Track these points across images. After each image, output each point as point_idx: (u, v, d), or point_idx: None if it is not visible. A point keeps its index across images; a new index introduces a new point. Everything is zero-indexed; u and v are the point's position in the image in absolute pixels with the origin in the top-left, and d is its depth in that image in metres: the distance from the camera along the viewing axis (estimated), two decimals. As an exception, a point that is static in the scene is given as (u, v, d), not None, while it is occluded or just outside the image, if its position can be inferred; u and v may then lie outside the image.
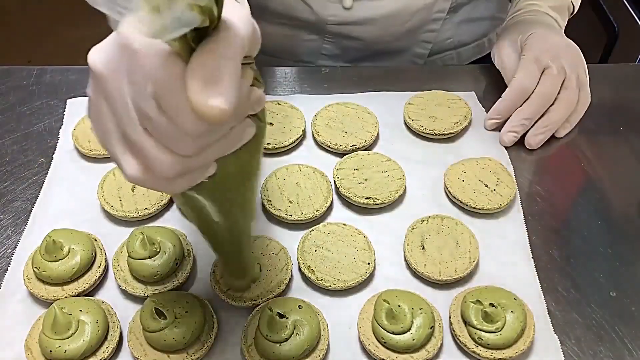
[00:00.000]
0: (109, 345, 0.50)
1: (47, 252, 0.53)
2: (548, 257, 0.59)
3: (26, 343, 0.50)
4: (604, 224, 0.62)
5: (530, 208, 0.63)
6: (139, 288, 0.54)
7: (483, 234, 0.59)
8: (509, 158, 0.67)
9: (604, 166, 0.67)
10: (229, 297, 0.53)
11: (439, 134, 0.68)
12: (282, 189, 0.62)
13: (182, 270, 0.55)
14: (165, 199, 0.61)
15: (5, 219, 0.61)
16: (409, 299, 0.51)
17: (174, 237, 0.56)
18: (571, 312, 0.54)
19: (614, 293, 0.56)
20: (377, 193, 0.61)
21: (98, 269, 0.55)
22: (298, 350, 0.48)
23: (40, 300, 0.54)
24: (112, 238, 0.59)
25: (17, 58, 2.16)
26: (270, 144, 0.66)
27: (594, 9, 1.30)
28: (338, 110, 0.70)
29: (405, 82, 0.77)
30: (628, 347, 0.52)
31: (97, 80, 0.32)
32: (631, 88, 0.77)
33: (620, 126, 0.72)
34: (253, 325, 0.51)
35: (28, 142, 0.69)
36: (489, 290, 0.52)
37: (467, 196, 0.61)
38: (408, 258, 0.57)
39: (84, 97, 0.72)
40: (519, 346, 0.50)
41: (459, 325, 0.52)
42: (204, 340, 0.50)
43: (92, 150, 0.65)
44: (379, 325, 0.50)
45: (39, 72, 0.77)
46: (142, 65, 0.29)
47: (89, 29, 2.50)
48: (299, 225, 0.60)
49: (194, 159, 0.33)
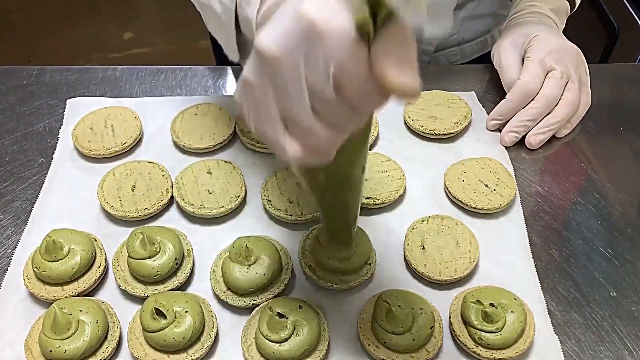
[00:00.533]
0: (109, 345, 0.50)
1: (47, 252, 0.53)
2: (548, 257, 0.59)
3: (26, 343, 0.50)
4: (604, 224, 0.62)
5: (530, 208, 0.63)
6: (139, 288, 0.54)
7: (483, 234, 0.59)
8: (509, 158, 0.67)
9: (604, 166, 0.67)
10: (229, 297, 0.53)
11: (439, 134, 0.68)
12: (282, 189, 0.62)
13: (182, 270, 0.55)
14: (166, 198, 0.61)
15: (5, 219, 0.61)
16: (409, 299, 0.51)
17: (174, 237, 0.56)
18: (571, 312, 0.54)
19: (614, 293, 0.56)
20: (377, 193, 0.61)
21: (98, 269, 0.55)
22: (298, 350, 0.48)
23: (40, 300, 0.54)
24: (112, 238, 0.59)
25: (17, 58, 2.17)
26: (270, 144, 0.66)
27: (594, 9, 1.30)
28: (338, 110, 0.70)
29: (405, 82, 0.77)
30: (628, 347, 0.52)
31: (268, 64, 0.32)
32: (631, 88, 0.77)
33: (620, 126, 0.72)
34: (253, 325, 0.51)
35: (28, 142, 0.69)
36: (489, 290, 0.52)
37: (467, 196, 0.61)
38: (408, 258, 0.57)
39: (83, 97, 0.73)
40: (519, 346, 0.50)
41: (459, 325, 0.52)
42: (204, 340, 0.50)
43: (92, 150, 0.65)
44: (379, 325, 0.50)
45: (39, 72, 0.77)
46: (327, 46, 0.30)
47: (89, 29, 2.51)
48: (299, 225, 0.60)
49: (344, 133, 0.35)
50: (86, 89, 0.75)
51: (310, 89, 0.32)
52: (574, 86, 0.68)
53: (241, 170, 0.64)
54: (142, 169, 0.63)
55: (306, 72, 0.31)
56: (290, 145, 0.35)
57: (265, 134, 0.36)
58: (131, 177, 0.62)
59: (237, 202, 0.61)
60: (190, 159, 0.67)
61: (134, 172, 0.63)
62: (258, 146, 0.67)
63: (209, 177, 0.63)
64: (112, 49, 2.24)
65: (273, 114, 0.34)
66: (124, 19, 2.38)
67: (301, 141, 0.34)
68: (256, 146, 0.67)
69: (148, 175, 0.63)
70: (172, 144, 0.69)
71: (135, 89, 0.76)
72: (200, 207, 0.60)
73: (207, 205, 0.60)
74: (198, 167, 0.64)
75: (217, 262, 0.56)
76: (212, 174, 0.63)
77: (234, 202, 0.60)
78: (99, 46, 2.24)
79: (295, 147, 0.35)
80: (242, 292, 0.53)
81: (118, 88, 0.76)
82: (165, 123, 0.70)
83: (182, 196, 0.61)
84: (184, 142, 0.67)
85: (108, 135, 0.67)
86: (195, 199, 0.60)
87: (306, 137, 0.34)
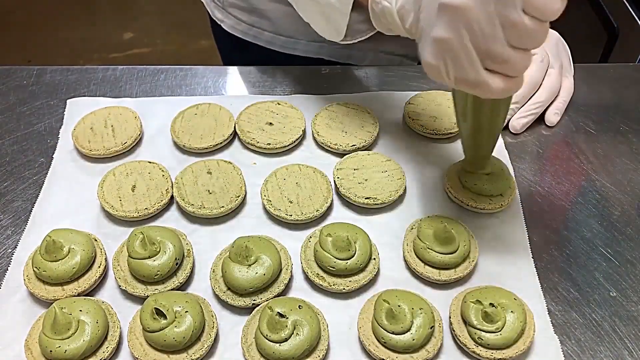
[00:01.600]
0: (109, 345, 0.50)
1: (47, 252, 0.53)
2: (548, 257, 0.59)
3: (26, 343, 0.50)
4: (604, 224, 0.62)
5: (530, 208, 0.63)
6: (139, 288, 0.54)
7: (483, 234, 0.59)
8: (509, 158, 0.67)
9: (604, 166, 0.67)
10: (229, 297, 0.53)
11: (439, 133, 0.68)
12: (282, 189, 0.62)
13: (182, 270, 0.55)
14: (166, 198, 0.61)
15: (5, 219, 0.61)
16: (409, 299, 0.51)
17: (174, 237, 0.56)
18: (571, 312, 0.54)
19: (614, 293, 0.56)
20: (377, 193, 0.61)
21: (98, 269, 0.55)
22: (298, 350, 0.48)
23: (40, 300, 0.54)
24: (112, 238, 0.59)
25: (17, 58, 2.17)
26: (270, 144, 0.66)
27: (594, 9, 1.30)
28: (338, 110, 0.70)
29: (405, 82, 0.77)
30: (628, 347, 0.52)
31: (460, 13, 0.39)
32: (631, 88, 0.77)
33: (620, 126, 0.72)
34: (253, 325, 0.51)
35: (28, 142, 0.69)
36: (489, 290, 0.52)
37: (467, 196, 0.61)
38: (408, 258, 0.57)
39: (83, 97, 0.73)
40: (519, 346, 0.50)
41: (459, 325, 0.52)
42: (204, 340, 0.51)
43: (92, 150, 0.65)
44: (379, 325, 0.50)
45: (39, 72, 0.77)
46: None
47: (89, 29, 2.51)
48: (299, 225, 0.60)
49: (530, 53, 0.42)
50: (86, 89, 0.75)
51: (504, 21, 0.39)
52: (554, 72, 0.70)
53: (241, 170, 0.64)
54: (142, 169, 0.63)
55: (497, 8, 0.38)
56: (493, 80, 0.42)
57: (467, 80, 0.43)
58: (131, 177, 0.62)
59: (237, 202, 0.61)
60: (190, 159, 0.67)
61: (134, 172, 0.63)
62: (258, 146, 0.67)
63: (209, 177, 0.63)
64: (112, 49, 2.24)
65: (473, 57, 0.41)
66: (124, 19, 2.38)
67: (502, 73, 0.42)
68: (256, 146, 0.67)
69: (148, 175, 0.63)
70: (172, 144, 0.69)
71: (135, 89, 0.76)
72: (200, 207, 0.60)
73: (207, 205, 0.60)
74: (198, 167, 0.64)
75: (217, 262, 0.56)
76: (212, 174, 0.63)
77: (234, 202, 0.60)
78: (99, 46, 2.24)
79: (497, 81, 0.42)
80: (242, 292, 0.53)
81: (118, 88, 0.76)
82: (165, 123, 0.70)
83: (182, 196, 0.61)
84: (184, 142, 0.67)
85: (108, 135, 0.67)
86: (195, 199, 0.60)
87: (505, 67, 0.41)
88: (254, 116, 0.69)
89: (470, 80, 0.43)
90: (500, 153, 0.68)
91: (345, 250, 0.54)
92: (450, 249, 0.55)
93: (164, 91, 0.76)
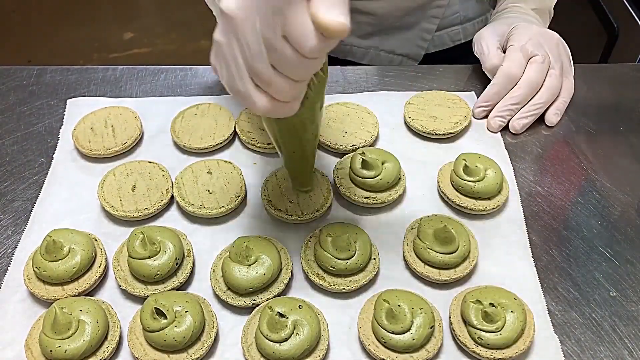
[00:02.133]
0: (109, 345, 0.50)
1: (47, 252, 0.53)
2: (548, 257, 0.59)
3: (26, 343, 0.50)
4: (604, 224, 0.62)
5: (530, 208, 0.63)
6: (139, 288, 0.54)
7: (483, 234, 0.59)
8: (508, 158, 0.67)
9: (604, 166, 0.67)
10: (229, 297, 0.53)
11: (439, 133, 0.68)
12: (282, 189, 0.62)
13: (182, 270, 0.55)
14: (166, 198, 0.61)
15: (5, 219, 0.61)
16: (409, 299, 0.51)
17: (174, 237, 0.56)
18: (571, 311, 0.54)
19: (614, 293, 0.56)
20: (377, 193, 0.61)
21: (98, 269, 0.55)
22: (298, 350, 0.48)
23: (40, 300, 0.54)
24: (112, 238, 0.59)
25: (17, 58, 2.17)
26: (270, 144, 0.66)
27: (594, 9, 1.30)
28: (338, 110, 0.70)
29: (405, 82, 0.77)
30: (628, 347, 0.52)
31: (231, 22, 0.37)
32: (631, 88, 0.77)
33: (620, 126, 0.72)
34: (253, 325, 0.51)
35: (28, 142, 0.69)
36: (489, 290, 0.52)
37: (455, 195, 0.61)
38: (408, 258, 0.57)
39: (84, 97, 0.73)
40: (519, 346, 0.50)
41: (459, 325, 0.52)
42: (204, 340, 0.51)
43: (92, 150, 0.65)
44: (379, 325, 0.50)
45: (39, 72, 0.78)
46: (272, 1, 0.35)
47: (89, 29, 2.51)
48: (299, 225, 0.60)
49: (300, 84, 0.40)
50: (86, 89, 0.75)
51: (266, 43, 0.37)
52: (554, 72, 0.70)
53: (241, 170, 0.64)
54: (142, 169, 0.63)
55: (261, 27, 0.36)
56: (259, 97, 0.39)
57: (236, 90, 0.40)
58: (131, 177, 0.62)
59: (237, 202, 0.61)
60: (190, 159, 0.67)
61: (134, 172, 0.63)
62: (258, 146, 0.67)
63: (209, 177, 0.63)
64: (112, 49, 2.24)
65: (241, 69, 0.39)
66: (124, 19, 2.38)
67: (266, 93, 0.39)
68: (256, 146, 0.67)
69: (148, 175, 0.63)
70: (172, 144, 0.69)
71: (135, 89, 0.76)
72: (200, 207, 0.60)
73: (207, 205, 0.60)
74: (198, 167, 0.64)
75: (217, 262, 0.56)
76: (212, 174, 0.63)
77: (234, 202, 0.60)
78: (99, 46, 2.24)
79: (262, 99, 0.39)
80: (242, 292, 0.53)
81: (118, 88, 0.76)
82: (165, 123, 0.70)
83: (182, 196, 0.61)
84: (184, 142, 0.67)
85: (108, 135, 0.67)
86: (195, 199, 0.60)
87: (268, 88, 0.39)
88: (254, 116, 0.69)
89: (238, 91, 0.40)
90: (501, 153, 0.68)
91: (345, 250, 0.54)
92: (450, 249, 0.55)
93: (164, 91, 0.76)
